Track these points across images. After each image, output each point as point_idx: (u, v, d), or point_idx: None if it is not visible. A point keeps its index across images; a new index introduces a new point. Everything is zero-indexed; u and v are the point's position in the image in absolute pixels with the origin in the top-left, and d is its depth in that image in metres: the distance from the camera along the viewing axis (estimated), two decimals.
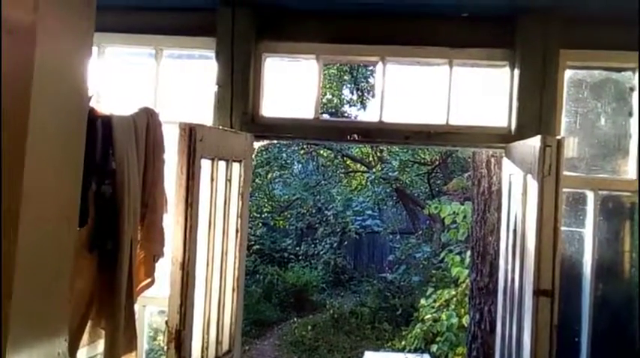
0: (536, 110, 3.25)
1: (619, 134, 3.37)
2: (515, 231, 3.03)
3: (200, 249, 2.82)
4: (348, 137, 3.41)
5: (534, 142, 2.73)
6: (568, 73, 3.35)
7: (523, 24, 3.29)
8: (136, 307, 2.81)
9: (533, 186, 2.73)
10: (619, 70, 3.36)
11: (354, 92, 12.64)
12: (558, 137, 2.68)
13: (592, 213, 3.26)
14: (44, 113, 1.28)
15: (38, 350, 1.33)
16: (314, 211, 13.66)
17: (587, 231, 3.29)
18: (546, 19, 3.25)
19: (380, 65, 3.45)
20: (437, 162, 12.26)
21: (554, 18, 3.24)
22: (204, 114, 3.40)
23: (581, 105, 3.45)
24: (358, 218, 13.46)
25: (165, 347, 2.70)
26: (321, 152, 13.43)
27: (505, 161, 3.29)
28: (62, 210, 1.40)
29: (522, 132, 3.22)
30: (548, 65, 3.25)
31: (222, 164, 3.02)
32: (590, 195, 3.29)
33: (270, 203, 13.48)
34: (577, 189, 3.30)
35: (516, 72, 3.32)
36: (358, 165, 13.80)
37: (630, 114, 3.31)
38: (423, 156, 12.42)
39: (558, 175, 2.61)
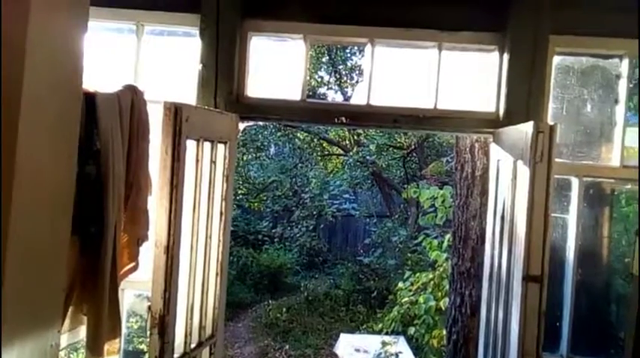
0: (525, 96, 3.24)
1: (604, 121, 3.39)
2: (503, 216, 3.03)
3: (184, 232, 2.75)
4: (336, 120, 3.35)
5: (526, 128, 2.71)
6: (556, 59, 3.34)
7: (514, 8, 3.27)
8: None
9: (524, 172, 2.72)
10: (606, 57, 3.37)
11: (332, 74, 12.54)
12: (551, 123, 2.67)
13: (576, 200, 3.28)
14: (38, 89, 1.19)
15: (31, 342, 1.25)
16: (290, 194, 13.61)
17: (571, 217, 3.31)
18: (537, 3, 3.24)
19: (369, 47, 3.38)
20: (413, 147, 12.31)
21: (545, 3, 3.22)
22: (187, 93, 3.30)
23: (568, 92, 3.45)
24: (335, 201, 13.47)
25: (149, 333, 2.63)
26: (298, 134, 13.34)
27: (493, 146, 3.28)
28: (56, 196, 1.31)
29: (510, 118, 3.21)
30: (538, 50, 3.24)
31: (207, 145, 2.94)
32: (575, 182, 3.31)
33: (245, 185, 13.37)
34: (562, 176, 3.31)
35: (505, 56, 3.30)
36: (335, 148, 13.75)
37: (616, 102, 3.33)
38: (399, 140, 12.44)
39: (550, 162, 2.60)
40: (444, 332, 5.55)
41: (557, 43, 3.29)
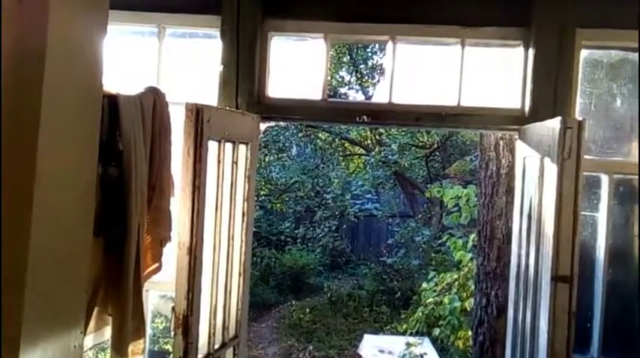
0: (551, 91, 3.17)
1: (635, 116, 3.28)
2: (530, 215, 2.96)
3: (207, 233, 2.75)
4: (357, 119, 3.31)
5: (553, 124, 2.64)
6: (584, 53, 3.25)
7: (538, 2, 3.19)
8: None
9: (551, 169, 2.65)
10: (636, 50, 3.26)
11: (353, 74, 12.49)
12: (579, 118, 2.60)
13: (606, 197, 3.20)
14: (58, 90, 1.18)
15: (53, 343, 1.25)
16: (312, 194, 13.60)
17: (601, 216, 3.22)
18: None
19: (390, 44, 3.34)
20: (436, 145, 12.20)
21: None
22: (208, 94, 3.30)
23: (597, 87, 3.36)
24: (357, 201, 13.42)
25: (172, 333, 2.64)
26: (320, 135, 13.32)
27: (519, 143, 3.21)
28: (77, 196, 1.30)
29: (536, 114, 3.14)
30: (564, 44, 3.16)
31: (228, 146, 2.94)
32: (604, 179, 3.22)
33: (267, 186, 13.40)
34: (591, 173, 3.22)
35: (531, 52, 3.23)
36: (357, 148, 13.70)
37: None
38: (421, 140, 12.34)
39: (579, 158, 2.53)
40: (470, 333, 5.48)
41: (584, 37, 3.20)
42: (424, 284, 7.43)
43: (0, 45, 1.07)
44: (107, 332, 2.51)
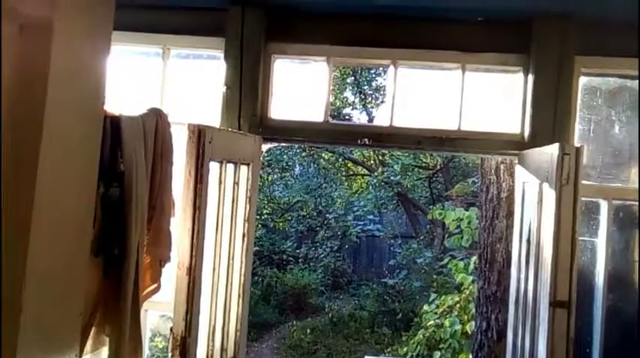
0: (550, 117, 3.19)
1: (633, 142, 3.30)
2: (529, 240, 2.97)
3: (207, 253, 2.76)
4: (359, 141, 3.34)
5: (552, 150, 2.67)
6: (582, 80, 3.30)
7: (538, 29, 3.24)
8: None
9: (549, 195, 2.67)
10: (634, 77, 3.30)
11: (357, 95, 12.58)
12: (577, 145, 2.62)
13: (605, 223, 3.20)
14: (60, 114, 1.21)
15: None
16: (315, 214, 13.58)
17: (600, 241, 3.23)
18: (562, 24, 3.20)
19: (391, 68, 3.39)
20: (438, 167, 12.22)
21: (570, 24, 3.19)
22: (211, 115, 3.34)
23: (595, 113, 3.39)
24: (359, 222, 13.39)
25: (170, 355, 2.63)
26: (323, 154, 13.36)
27: (518, 168, 3.23)
28: (76, 215, 1.32)
29: (536, 140, 3.17)
30: (563, 71, 3.20)
31: (230, 167, 2.96)
32: (603, 205, 3.23)
33: (270, 205, 13.41)
34: (590, 198, 3.24)
35: (530, 78, 3.26)
36: (359, 168, 13.73)
37: None
38: (424, 161, 12.37)
39: (577, 184, 2.55)
40: (470, 357, 5.43)
41: (583, 64, 3.25)
42: (425, 307, 7.39)
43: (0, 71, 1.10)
44: (104, 353, 2.50)
